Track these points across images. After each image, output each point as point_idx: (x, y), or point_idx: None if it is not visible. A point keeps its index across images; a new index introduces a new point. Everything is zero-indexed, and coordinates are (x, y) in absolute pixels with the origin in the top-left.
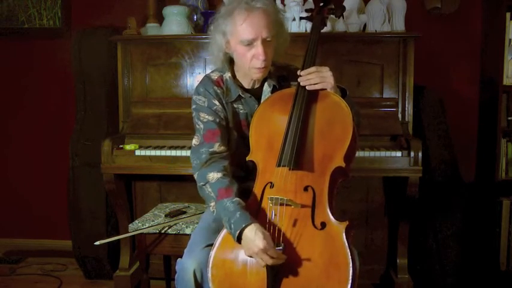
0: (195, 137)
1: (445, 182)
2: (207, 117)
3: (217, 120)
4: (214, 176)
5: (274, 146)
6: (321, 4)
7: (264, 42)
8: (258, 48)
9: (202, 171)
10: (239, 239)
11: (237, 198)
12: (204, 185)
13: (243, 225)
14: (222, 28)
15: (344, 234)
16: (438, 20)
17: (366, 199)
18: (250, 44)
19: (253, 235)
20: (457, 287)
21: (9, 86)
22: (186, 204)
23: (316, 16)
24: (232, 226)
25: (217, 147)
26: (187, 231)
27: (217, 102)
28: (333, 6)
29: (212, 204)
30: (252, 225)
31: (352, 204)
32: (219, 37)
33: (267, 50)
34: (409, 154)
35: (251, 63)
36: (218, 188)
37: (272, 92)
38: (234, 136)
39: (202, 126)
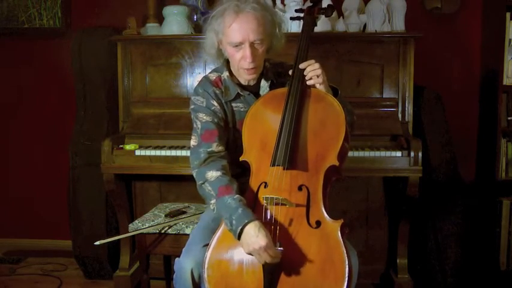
0: (193, 137)
1: (445, 182)
2: (205, 117)
3: (216, 120)
4: (213, 174)
5: (268, 145)
6: (311, 4)
7: (252, 44)
8: (246, 51)
9: (201, 170)
10: (239, 236)
11: (238, 195)
12: (203, 183)
13: (246, 221)
14: (214, 27)
15: (339, 232)
16: (438, 20)
17: (366, 199)
18: (238, 46)
19: (257, 232)
20: (457, 287)
21: (9, 86)
22: (186, 204)
23: (307, 16)
24: (233, 222)
25: (215, 147)
26: (187, 231)
27: (215, 103)
28: (323, 6)
29: (212, 202)
30: (256, 221)
31: (352, 204)
32: (212, 35)
33: (255, 52)
34: (409, 154)
35: (239, 64)
36: (218, 186)
37: (270, 86)
38: (232, 135)
39: (200, 125)
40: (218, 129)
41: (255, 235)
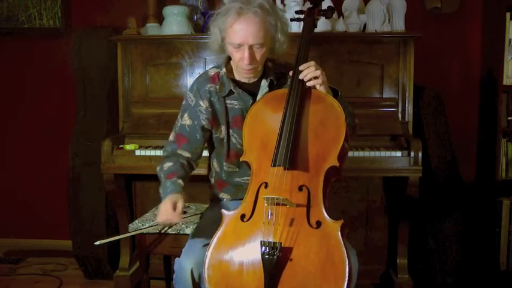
0: (172, 132)
1: (445, 182)
2: (187, 120)
3: (195, 123)
4: (168, 165)
5: (268, 145)
6: (311, 6)
7: (251, 47)
8: (244, 53)
9: (162, 163)
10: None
11: (176, 178)
12: (160, 170)
13: (168, 192)
14: (218, 23)
15: (339, 232)
16: (438, 20)
17: (366, 199)
18: (238, 47)
19: (169, 202)
20: (457, 287)
21: (9, 86)
22: (186, 204)
23: (307, 18)
24: (161, 195)
25: (180, 151)
26: (187, 231)
27: (202, 103)
28: (323, 8)
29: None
30: (177, 195)
31: (352, 204)
32: (216, 31)
33: (254, 55)
34: (409, 154)
35: (238, 64)
36: (167, 173)
37: (269, 87)
38: (225, 132)
39: (179, 125)
40: (189, 138)
41: (164, 203)
